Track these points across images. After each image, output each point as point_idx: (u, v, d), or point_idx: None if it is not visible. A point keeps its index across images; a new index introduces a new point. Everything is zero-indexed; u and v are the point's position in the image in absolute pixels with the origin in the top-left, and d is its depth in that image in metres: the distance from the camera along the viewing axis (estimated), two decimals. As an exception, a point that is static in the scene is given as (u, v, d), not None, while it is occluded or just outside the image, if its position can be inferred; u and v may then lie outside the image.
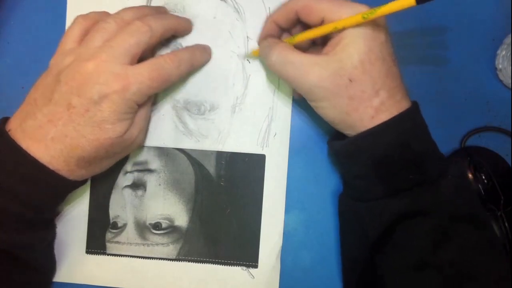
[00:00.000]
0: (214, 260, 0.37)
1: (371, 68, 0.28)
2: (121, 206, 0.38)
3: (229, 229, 0.37)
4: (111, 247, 0.38)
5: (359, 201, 0.33)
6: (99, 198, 0.38)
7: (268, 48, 0.32)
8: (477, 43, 0.38)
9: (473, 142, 0.38)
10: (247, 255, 0.37)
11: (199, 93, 0.38)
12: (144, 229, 0.38)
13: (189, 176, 0.38)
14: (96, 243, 0.38)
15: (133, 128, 0.32)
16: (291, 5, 0.32)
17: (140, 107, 0.32)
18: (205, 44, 0.37)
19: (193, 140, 0.38)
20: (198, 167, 0.38)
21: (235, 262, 0.37)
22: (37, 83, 0.32)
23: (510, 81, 0.37)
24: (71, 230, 0.38)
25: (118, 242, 0.38)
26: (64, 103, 0.29)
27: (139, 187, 0.38)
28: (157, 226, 0.38)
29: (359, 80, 0.28)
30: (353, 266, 0.34)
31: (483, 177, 0.36)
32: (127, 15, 0.32)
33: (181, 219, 0.38)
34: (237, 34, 0.37)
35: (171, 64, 0.32)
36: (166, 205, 0.38)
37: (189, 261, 0.37)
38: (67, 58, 0.31)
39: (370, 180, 0.31)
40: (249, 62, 0.37)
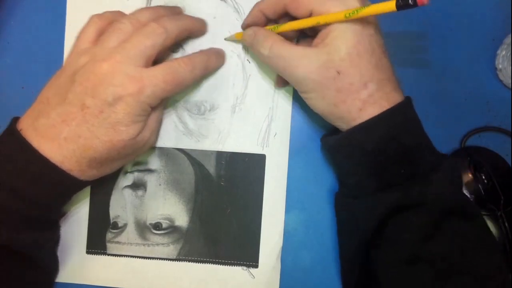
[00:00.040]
0: (214, 260, 0.37)
1: (359, 60, 0.29)
2: (122, 206, 0.38)
3: (229, 229, 0.37)
4: (111, 247, 0.38)
5: (353, 198, 0.33)
6: (100, 198, 0.38)
7: (258, 40, 0.32)
8: (477, 43, 0.38)
9: (473, 142, 0.38)
10: (247, 255, 0.37)
11: (199, 93, 0.38)
12: (144, 229, 0.38)
13: (189, 176, 0.38)
14: (96, 243, 0.38)
15: (146, 130, 0.32)
16: None
17: (153, 110, 0.32)
18: (219, 48, 0.37)
19: (193, 140, 0.38)
20: (198, 167, 0.38)
21: (236, 262, 0.37)
22: (50, 82, 0.32)
23: (510, 81, 0.37)
24: (72, 230, 0.38)
25: (118, 242, 0.38)
26: (78, 103, 0.29)
27: (139, 187, 0.38)
28: (157, 226, 0.38)
29: (346, 72, 0.29)
30: (351, 267, 0.34)
31: (483, 177, 0.36)
32: (142, 16, 0.32)
33: (181, 219, 0.38)
34: (237, 34, 0.37)
35: (186, 67, 0.32)
36: (166, 205, 0.38)
37: (189, 261, 0.37)
38: (82, 58, 0.31)
39: (362, 175, 0.31)
40: (249, 62, 0.37)
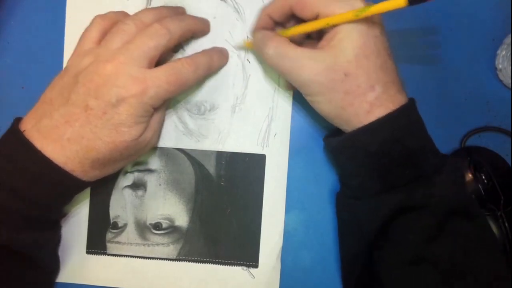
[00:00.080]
0: (214, 260, 0.37)
1: (366, 62, 0.28)
2: (122, 206, 0.38)
3: (229, 229, 0.37)
4: (111, 247, 0.38)
5: (355, 199, 0.33)
6: (100, 198, 0.38)
7: (264, 41, 0.32)
8: (477, 43, 0.38)
9: (473, 142, 0.38)
10: (247, 255, 0.37)
11: (199, 93, 0.38)
12: (144, 229, 0.38)
13: (189, 176, 0.38)
14: (96, 243, 0.38)
15: (148, 131, 0.32)
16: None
17: (155, 111, 0.32)
18: (222, 47, 0.37)
19: (193, 140, 0.38)
20: (198, 167, 0.38)
21: (236, 262, 0.37)
22: (53, 83, 0.32)
23: (510, 81, 0.37)
24: (72, 230, 0.38)
25: (118, 242, 0.38)
26: (81, 104, 0.29)
27: (139, 187, 0.38)
28: (157, 226, 0.38)
29: (354, 74, 0.28)
30: (352, 267, 0.34)
31: (483, 177, 0.36)
32: (146, 17, 0.32)
33: (181, 219, 0.38)
34: (237, 34, 0.37)
35: (189, 68, 0.32)
36: (166, 205, 0.38)
37: (189, 261, 0.37)
38: (85, 58, 0.31)
39: (365, 176, 0.31)
40: (249, 62, 0.37)
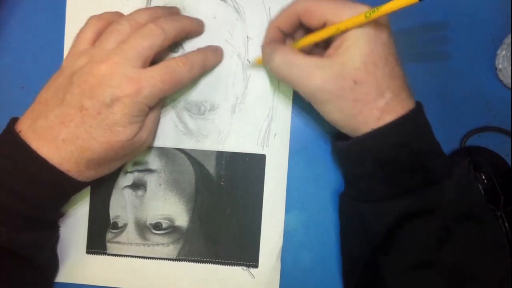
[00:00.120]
0: (214, 260, 0.37)
1: (374, 69, 0.28)
2: (122, 206, 0.38)
3: (229, 229, 0.37)
4: (111, 247, 0.38)
5: (361, 202, 0.32)
6: (100, 198, 0.38)
7: (270, 51, 0.32)
8: (477, 43, 0.38)
9: (473, 142, 0.38)
10: (247, 255, 0.37)
11: (199, 93, 0.38)
12: (144, 229, 0.38)
13: (189, 176, 0.38)
14: (96, 243, 0.38)
15: (143, 130, 0.32)
16: (293, 9, 0.32)
17: (150, 110, 0.32)
18: (217, 45, 0.37)
19: (193, 140, 0.38)
20: (198, 167, 0.38)
21: (236, 262, 0.37)
22: (49, 84, 0.32)
23: (510, 81, 0.37)
24: (72, 230, 0.38)
25: (118, 242, 0.38)
26: (76, 105, 0.29)
27: (139, 187, 0.38)
28: (157, 226, 0.38)
29: (363, 81, 0.28)
30: (353, 267, 0.34)
31: (483, 177, 0.36)
32: (140, 17, 0.32)
33: (181, 219, 0.38)
34: (237, 34, 0.37)
35: (183, 67, 0.32)
36: (166, 205, 0.38)
37: (189, 261, 0.37)
38: (80, 59, 0.31)
39: (374, 180, 0.31)
40: (249, 62, 0.37)
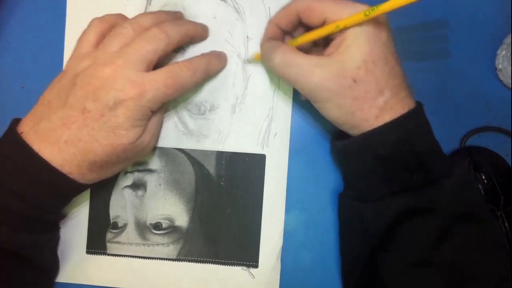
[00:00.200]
0: (214, 260, 0.37)
1: (374, 67, 0.28)
2: (122, 206, 0.38)
3: (229, 229, 0.37)
4: (111, 247, 0.38)
5: (361, 202, 0.33)
6: (100, 198, 0.38)
7: (270, 50, 0.32)
8: (477, 43, 0.38)
9: (473, 142, 0.38)
10: (247, 255, 0.37)
11: (199, 93, 0.38)
12: (144, 229, 0.38)
13: (189, 176, 0.38)
14: (96, 243, 0.38)
15: (146, 134, 0.32)
16: (292, 7, 0.32)
17: (153, 114, 0.32)
18: (220, 51, 0.37)
19: (193, 140, 0.38)
20: (198, 167, 0.38)
21: (236, 262, 0.37)
22: (52, 85, 0.32)
23: (510, 81, 0.37)
24: (72, 230, 0.38)
25: (118, 242, 0.38)
26: (79, 107, 0.29)
27: (139, 187, 0.38)
28: (157, 226, 0.38)
29: (362, 80, 0.28)
30: (352, 267, 0.34)
31: (483, 177, 0.36)
32: (144, 21, 0.32)
33: (181, 219, 0.38)
34: (237, 34, 0.37)
35: (187, 71, 0.32)
36: (166, 205, 0.38)
37: (189, 261, 0.37)
38: (83, 61, 0.31)
39: (373, 178, 0.31)
40: (249, 62, 0.37)
